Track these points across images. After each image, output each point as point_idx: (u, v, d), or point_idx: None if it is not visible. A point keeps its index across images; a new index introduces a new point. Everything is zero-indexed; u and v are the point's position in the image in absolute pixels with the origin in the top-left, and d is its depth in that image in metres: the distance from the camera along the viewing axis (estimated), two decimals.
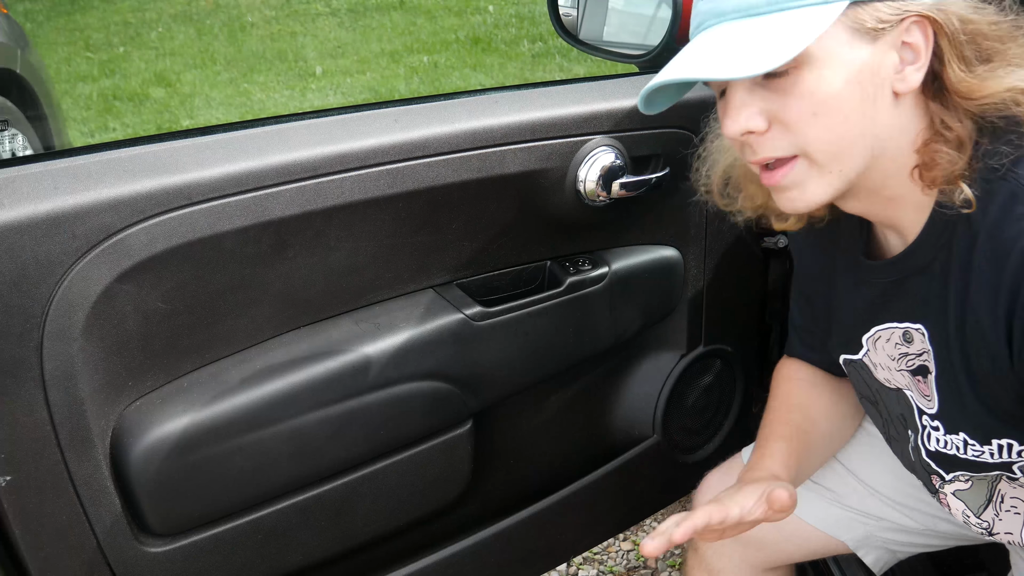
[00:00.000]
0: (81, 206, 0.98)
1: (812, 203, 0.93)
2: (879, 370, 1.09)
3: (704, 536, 1.02)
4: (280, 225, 1.11)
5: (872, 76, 0.87)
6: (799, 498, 1.29)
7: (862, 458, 1.30)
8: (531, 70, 5.50)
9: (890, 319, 1.04)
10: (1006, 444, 0.97)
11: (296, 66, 5.88)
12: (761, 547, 1.34)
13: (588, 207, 1.33)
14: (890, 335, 1.04)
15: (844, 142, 0.89)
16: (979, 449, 1.00)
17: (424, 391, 1.28)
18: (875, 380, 1.11)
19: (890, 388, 1.09)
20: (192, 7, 7.31)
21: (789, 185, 0.92)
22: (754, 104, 0.89)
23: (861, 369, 1.12)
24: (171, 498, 1.12)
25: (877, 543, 1.32)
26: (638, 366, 1.58)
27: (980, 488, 1.06)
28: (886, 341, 1.05)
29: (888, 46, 0.86)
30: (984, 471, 1.03)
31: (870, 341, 1.08)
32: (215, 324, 1.14)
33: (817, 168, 0.90)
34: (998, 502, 1.06)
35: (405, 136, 1.17)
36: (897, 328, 1.03)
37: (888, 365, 1.07)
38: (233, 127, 1.13)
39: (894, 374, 1.07)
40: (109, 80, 5.71)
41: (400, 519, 1.34)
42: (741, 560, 1.36)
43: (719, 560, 1.37)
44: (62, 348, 1.01)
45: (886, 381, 1.09)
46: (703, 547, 1.39)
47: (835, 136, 0.88)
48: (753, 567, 1.36)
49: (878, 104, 0.88)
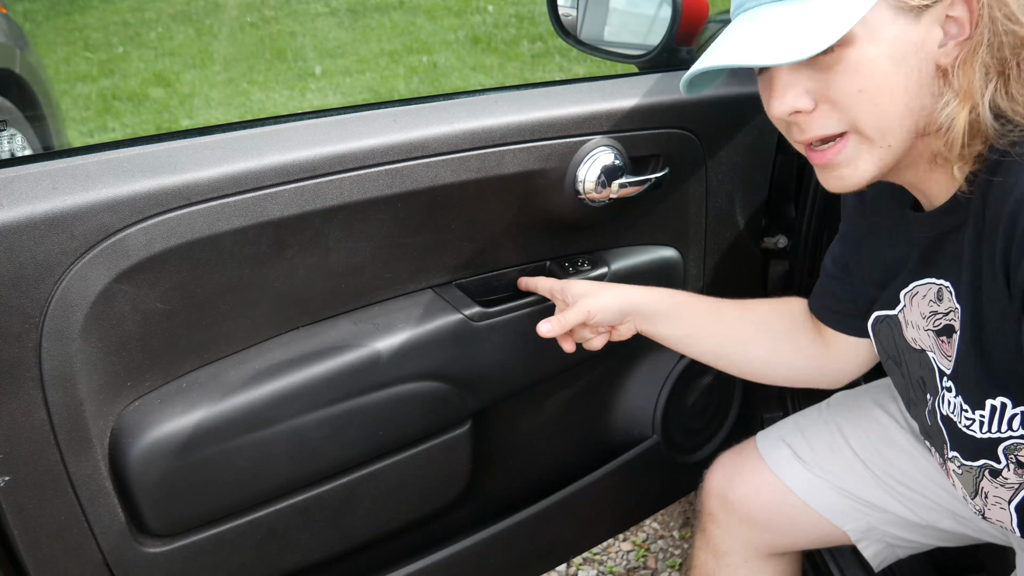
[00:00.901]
0: (80, 206, 0.98)
1: (862, 180, 0.94)
2: (909, 328, 1.10)
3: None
4: (279, 225, 1.11)
5: (916, 51, 0.88)
6: (806, 484, 1.33)
7: (872, 446, 1.31)
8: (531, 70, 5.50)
9: (926, 275, 1.05)
10: (999, 405, 0.98)
11: (295, 66, 5.87)
12: (767, 530, 1.36)
13: (588, 207, 1.33)
14: (926, 291, 1.06)
15: (892, 117, 0.90)
16: (971, 416, 1.01)
17: (423, 391, 1.28)
18: (903, 339, 1.12)
19: (915, 349, 1.10)
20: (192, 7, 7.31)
21: (841, 163, 0.93)
22: (799, 84, 0.90)
23: (893, 326, 1.13)
24: (170, 498, 1.12)
25: (878, 536, 1.33)
26: (638, 367, 1.58)
27: (968, 479, 1.08)
28: (922, 297, 1.06)
29: (932, 21, 0.88)
30: (972, 457, 1.04)
31: (907, 296, 1.09)
32: (214, 324, 1.14)
33: (867, 143, 0.92)
34: (983, 496, 1.07)
35: (404, 136, 1.17)
36: (933, 284, 1.04)
37: (918, 324, 1.08)
38: (232, 127, 1.13)
39: (921, 333, 1.08)
40: (108, 80, 5.71)
41: (400, 519, 1.34)
42: (747, 543, 1.37)
43: (725, 542, 1.39)
44: (61, 348, 1.01)
45: (912, 341, 1.10)
46: (711, 528, 1.40)
47: (882, 111, 0.90)
48: (759, 550, 1.38)
49: (923, 78, 0.89)
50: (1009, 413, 0.98)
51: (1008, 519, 1.06)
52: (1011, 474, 1.02)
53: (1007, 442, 1.00)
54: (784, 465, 1.34)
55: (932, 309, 1.05)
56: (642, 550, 2.08)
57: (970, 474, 1.07)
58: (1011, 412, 0.98)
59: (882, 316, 1.15)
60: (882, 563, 1.36)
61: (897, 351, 1.14)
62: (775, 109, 0.92)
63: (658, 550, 2.08)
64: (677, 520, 2.15)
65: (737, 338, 1.29)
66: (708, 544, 1.41)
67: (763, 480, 1.35)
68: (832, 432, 1.35)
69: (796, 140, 0.96)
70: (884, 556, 1.35)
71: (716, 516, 1.39)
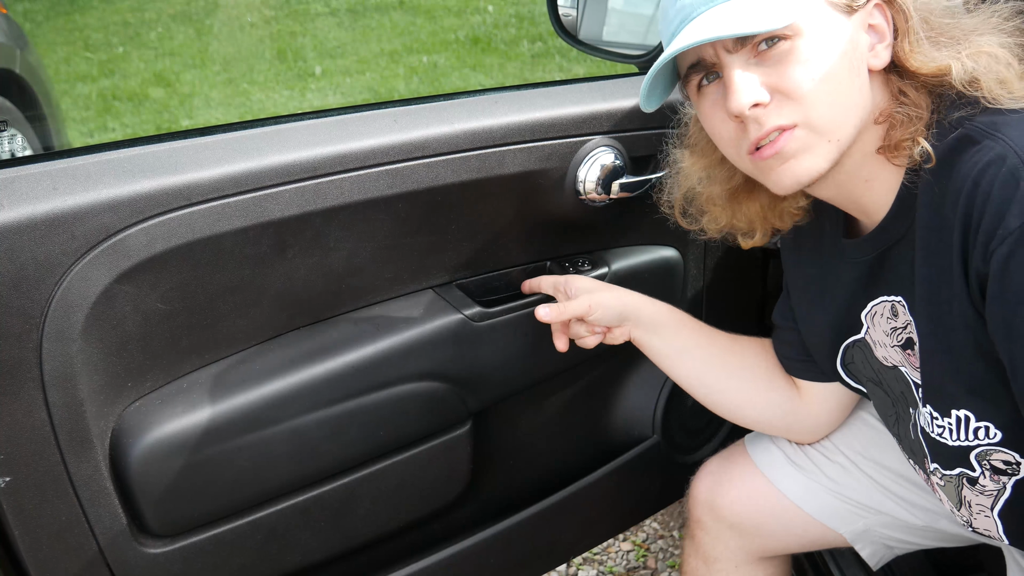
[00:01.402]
0: (80, 207, 0.98)
1: (810, 174, 0.96)
2: (878, 348, 1.11)
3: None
4: (279, 226, 1.11)
5: (854, 49, 0.95)
6: (801, 488, 1.32)
7: (865, 450, 1.31)
8: (531, 70, 5.50)
9: (880, 293, 1.07)
10: (963, 417, 0.99)
11: (296, 66, 5.87)
12: (758, 535, 1.35)
13: (588, 207, 1.33)
14: (883, 309, 1.07)
15: (841, 108, 0.94)
16: (941, 424, 1.01)
17: (424, 391, 1.28)
18: (876, 359, 1.13)
19: (888, 366, 1.11)
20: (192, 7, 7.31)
21: (789, 154, 0.95)
22: (755, 79, 0.93)
23: (864, 348, 1.14)
24: (171, 499, 1.12)
25: (874, 538, 1.33)
26: (638, 367, 1.58)
27: (950, 489, 1.08)
28: (880, 316, 1.08)
29: (860, 25, 0.95)
30: (948, 465, 1.05)
31: (868, 318, 1.10)
32: (215, 325, 1.14)
33: (816, 135, 0.94)
34: (967, 505, 1.07)
35: (404, 136, 1.17)
36: (887, 301, 1.06)
37: (884, 341, 1.09)
38: (232, 127, 1.13)
39: (889, 350, 1.09)
40: (108, 80, 5.71)
41: (400, 519, 1.34)
42: (737, 548, 1.37)
43: (715, 549, 1.38)
44: (61, 349, 1.01)
45: (884, 359, 1.11)
46: (699, 535, 1.40)
47: (833, 101, 0.93)
48: (749, 555, 1.37)
49: (861, 76, 0.96)
50: (973, 425, 0.99)
51: (994, 527, 1.06)
52: (988, 481, 1.02)
53: (977, 449, 1.00)
54: (777, 469, 1.34)
55: (892, 325, 1.06)
56: (642, 550, 2.08)
57: (951, 484, 1.07)
58: (975, 425, 0.98)
59: (851, 342, 1.15)
60: (879, 562, 1.36)
61: (874, 372, 1.15)
62: (734, 103, 0.93)
63: (658, 550, 2.08)
64: (677, 520, 2.15)
65: (721, 367, 1.29)
66: (698, 551, 1.40)
67: (754, 485, 1.34)
68: (825, 438, 1.34)
69: (751, 139, 0.96)
70: (881, 555, 1.35)
71: (704, 523, 1.38)
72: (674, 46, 0.93)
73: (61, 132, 3.67)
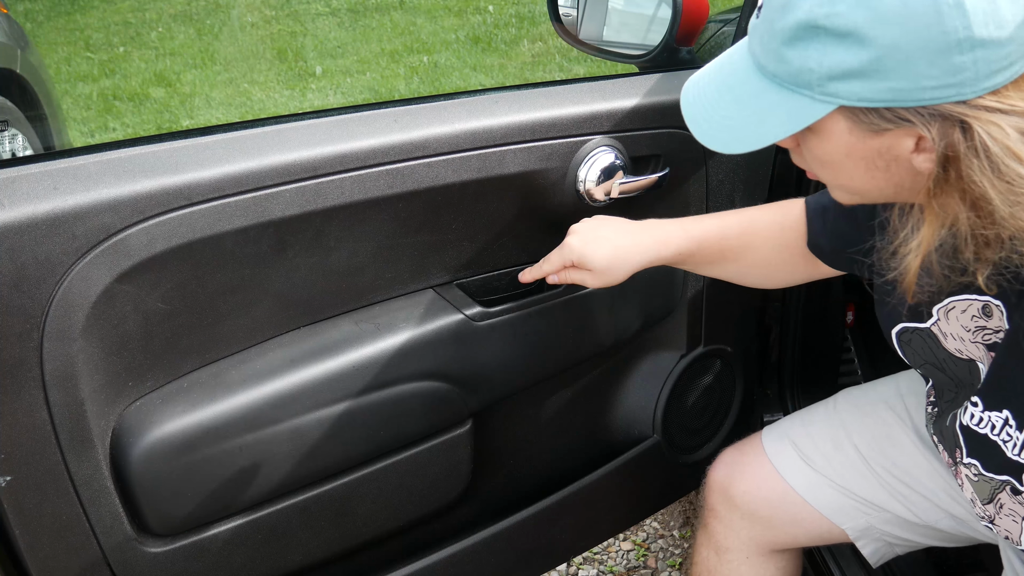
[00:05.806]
0: (81, 206, 0.98)
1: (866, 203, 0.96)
2: (949, 340, 1.05)
3: None
4: (280, 225, 1.11)
5: (879, 156, 0.84)
6: (807, 483, 1.33)
7: (876, 444, 1.31)
8: (531, 70, 5.50)
9: (968, 291, 1.00)
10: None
11: (296, 66, 5.87)
12: (769, 527, 1.36)
13: (588, 207, 1.33)
14: (967, 306, 1.01)
15: (859, 189, 0.91)
16: (1012, 434, 0.97)
17: (424, 391, 1.28)
18: (943, 350, 1.07)
19: (961, 359, 1.05)
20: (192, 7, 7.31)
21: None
22: (792, 141, 0.92)
23: (927, 338, 1.08)
24: (171, 498, 1.12)
25: (876, 535, 1.33)
26: (638, 366, 1.58)
27: (984, 487, 1.06)
28: (961, 312, 1.02)
29: (898, 136, 0.82)
30: (995, 471, 1.02)
31: (942, 311, 1.04)
32: (215, 324, 1.14)
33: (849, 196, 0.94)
34: (997, 506, 1.06)
35: (405, 136, 1.17)
36: (976, 301, 1.00)
37: (962, 336, 1.03)
38: (233, 127, 1.13)
39: (968, 345, 1.04)
40: (109, 80, 5.71)
41: (400, 519, 1.34)
42: (749, 539, 1.38)
43: (727, 538, 1.39)
44: (62, 348, 1.01)
45: (957, 352, 1.06)
46: (713, 524, 1.41)
47: (847, 183, 0.91)
48: (760, 546, 1.38)
49: (892, 171, 0.85)
50: None
51: (1018, 532, 1.05)
52: None
53: None
54: (787, 463, 1.35)
55: (979, 324, 1.01)
56: (642, 550, 2.08)
57: (988, 484, 1.05)
58: None
59: (911, 328, 1.09)
60: (880, 560, 1.36)
61: (937, 360, 1.10)
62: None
63: (658, 550, 2.08)
64: (677, 520, 2.15)
65: (748, 270, 1.31)
66: (710, 540, 1.42)
67: (765, 476, 1.36)
68: (836, 430, 1.35)
69: None
70: (882, 554, 1.36)
71: (718, 511, 1.40)
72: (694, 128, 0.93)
73: (62, 132, 3.67)
